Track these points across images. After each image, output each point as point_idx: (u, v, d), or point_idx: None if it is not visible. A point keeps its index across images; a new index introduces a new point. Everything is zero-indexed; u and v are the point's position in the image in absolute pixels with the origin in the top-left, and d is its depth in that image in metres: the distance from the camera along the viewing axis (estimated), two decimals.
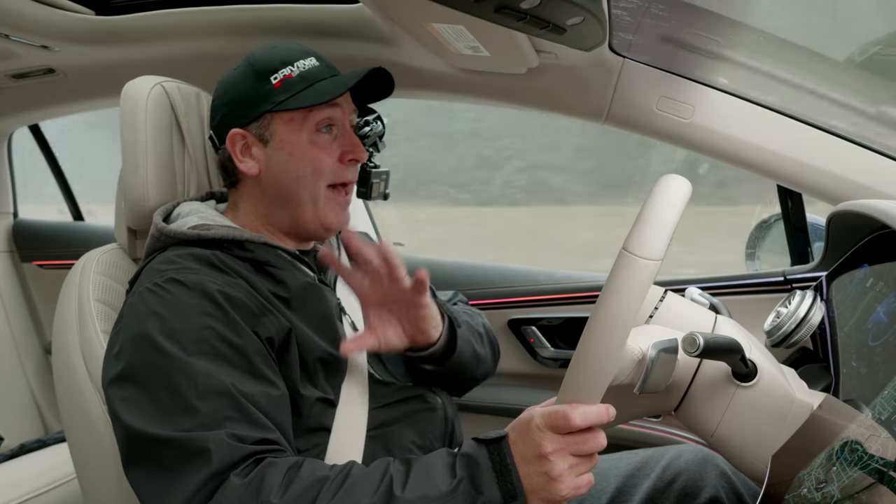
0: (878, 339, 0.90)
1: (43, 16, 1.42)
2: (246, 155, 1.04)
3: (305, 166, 1.02)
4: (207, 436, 0.78)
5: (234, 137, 1.03)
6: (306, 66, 1.03)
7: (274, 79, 1.02)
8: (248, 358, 0.87)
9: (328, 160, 1.03)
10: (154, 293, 0.89)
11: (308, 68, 1.03)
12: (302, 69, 1.03)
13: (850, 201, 1.07)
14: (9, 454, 1.77)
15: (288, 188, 1.03)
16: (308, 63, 1.04)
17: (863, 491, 0.69)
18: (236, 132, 1.03)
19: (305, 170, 1.02)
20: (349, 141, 1.05)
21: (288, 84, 1.01)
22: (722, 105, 1.28)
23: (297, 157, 1.02)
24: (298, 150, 1.02)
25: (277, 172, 1.03)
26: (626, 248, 0.67)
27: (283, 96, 1.01)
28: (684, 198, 0.68)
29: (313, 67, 1.04)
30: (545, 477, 0.74)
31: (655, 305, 0.92)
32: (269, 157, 1.03)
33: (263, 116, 1.02)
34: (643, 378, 0.77)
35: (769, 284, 1.42)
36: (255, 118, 1.02)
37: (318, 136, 1.03)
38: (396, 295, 0.96)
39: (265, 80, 1.02)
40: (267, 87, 1.02)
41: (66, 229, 2.34)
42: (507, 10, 0.86)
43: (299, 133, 1.02)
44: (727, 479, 1.06)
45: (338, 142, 1.05)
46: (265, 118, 1.02)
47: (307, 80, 1.02)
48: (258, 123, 1.03)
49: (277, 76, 1.02)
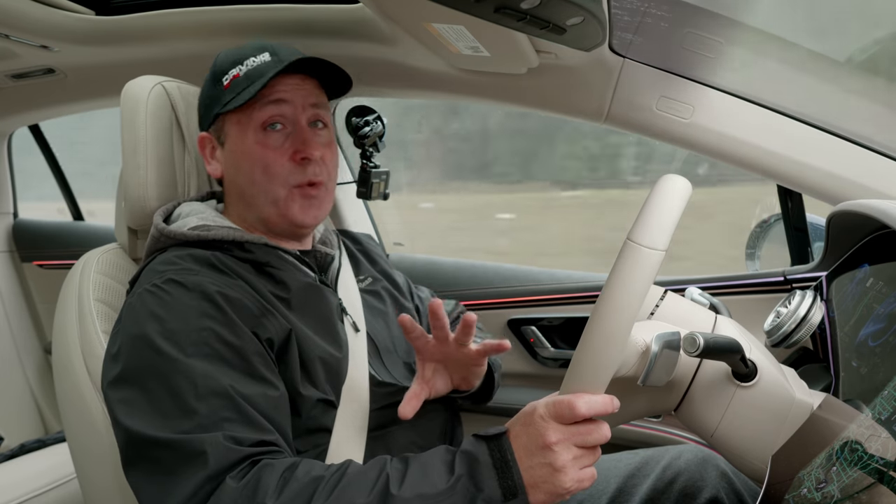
0: (878, 339, 0.90)
1: (43, 16, 1.42)
2: (213, 157, 1.06)
3: (255, 167, 1.00)
4: (204, 438, 0.78)
5: (202, 141, 1.06)
6: (255, 62, 1.01)
7: (225, 80, 1.02)
8: (247, 359, 0.87)
9: (279, 160, 1.00)
10: (153, 294, 0.89)
11: (256, 65, 1.00)
12: (250, 66, 1.00)
13: (850, 201, 1.07)
14: (9, 454, 1.77)
15: (245, 189, 1.03)
16: (259, 59, 1.01)
17: (863, 491, 0.69)
18: (202, 135, 1.06)
19: (255, 170, 1.00)
20: (301, 138, 1.01)
21: (235, 84, 1.01)
22: (722, 105, 1.28)
23: (245, 157, 1.01)
24: (246, 151, 1.00)
25: (233, 175, 1.04)
26: (631, 238, 0.68)
27: (230, 97, 1.00)
28: (685, 195, 0.70)
29: (262, 64, 1.00)
30: (549, 468, 0.74)
31: (656, 304, 0.92)
32: (226, 160, 1.04)
33: (217, 119, 1.03)
34: (647, 369, 0.77)
35: (769, 284, 1.42)
36: (212, 121, 1.04)
37: (266, 135, 1.00)
38: (461, 358, 0.99)
39: (218, 82, 1.03)
40: (218, 89, 1.02)
41: (66, 229, 2.34)
42: (507, 10, 0.86)
43: (245, 133, 1.01)
44: (727, 479, 1.06)
45: (289, 140, 1.01)
46: (219, 121, 1.03)
47: (250, 77, 1.00)
48: (215, 126, 1.04)
49: (227, 77, 1.01)
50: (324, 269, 1.10)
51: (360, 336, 1.06)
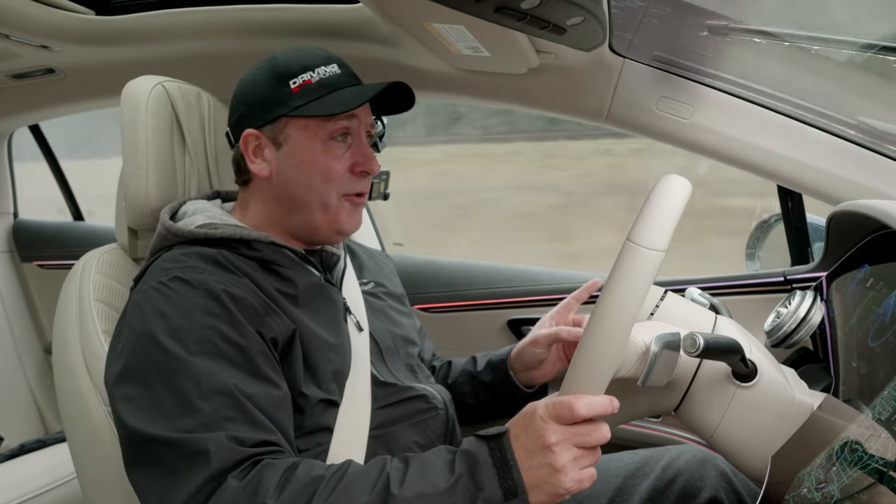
0: (878, 339, 0.90)
1: (43, 16, 1.42)
2: (258, 156, 1.03)
3: (316, 174, 1.01)
4: (207, 437, 0.78)
5: (247, 138, 1.02)
6: (327, 72, 1.02)
7: (293, 83, 1.00)
8: (251, 358, 0.87)
9: (339, 169, 1.02)
10: (159, 291, 0.89)
11: (328, 75, 1.01)
12: (322, 76, 1.01)
13: (850, 201, 1.07)
14: (9, 454, 1.77)
15: (298, 194, 1.02)
16: (329, 70, 1.02)
17: (863, 491, 0.69)
18: (250, 132, 1.02)
19: (316, 178, 1.01)
20: (363, 153, 1.03)
21: (306, 90, 1.00)
22: (722, 105, 1.28)
23: (308, 163, 1.01)
24: (310, 158, 1.01)
25: (288, 177, 1.02)
26: (631, 239, 0.68)
27: (300, 101, 1.00)
28: (685, 196, 0.70)
29: (334, 75, 1.02)
30: (549, 469, 0.74)
31: (656, 304, 0.92)
32: (281, 161, 1.02)
33: (279, 120, 1.01)
34: (647, 370, 0.77)
35: (769, 284, 1.42)
36: (270, 121, 1.01)
37: (332, 144, 1.01)
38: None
39: (284, 84, 1.01)
40: (285, 91, 1.00)
41: (66, 229, 2.34)
42: (507, 10, 0.86)
43: (313, 141, 1.01)
44: (727, 479, 1.06)
45: (351, 151, 1.03)
46: (280, 122, 1.01)
47: (326, 87, 1.01)
48: (273, 126, 1.02)
49: (297, 80, 1.00)
50: (328, 269, 1.10)
51: (364, 335, 1.06)
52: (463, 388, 1.23)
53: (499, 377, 1.19)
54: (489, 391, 1.20)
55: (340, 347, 0.99)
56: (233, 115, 1.07)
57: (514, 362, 1.18)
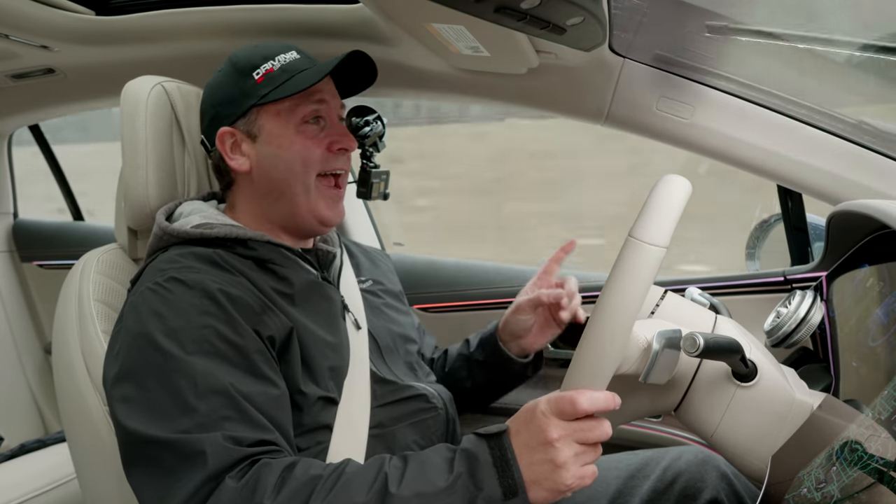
0: (877, 339, 0.90)
1: (43, 16, 1.42)
2: (236, 152, 1.05)
3: (294, 157, 1.03)
4: (204, 438, 0.78)
5: (223, 136, 1.04)
6: (287, 59, 1.05)
7: (256, 74, 1.03)
8: (249, 357, 0.87)
9: (317, 150, 1.04)
10: (155, 292, 0.89)
11: (289, 61, 1.05)
12: (283, 62, 1.04)
13: (850, 201, 1.07)
14: (9, 454, 1.77)
15: (280, 181, 1.04)
16: (289, 56, 1.05)
17: (863, 491, 0.69)
18: (225, 130, 1.04)
19: (295, 161, 1.03)
20: (337, 131, 1.06)
21: (270, 77, 1.03)
22: (722, 105, 1.28)
23: (285, 148, 1.03)
24: (287, 142, 1.03)
25: (268, 167, 1.04)
26: (633, 235, 0.69)
27: (267, 89, 1.02)
28: (686, 193, 0.71)
29: (294, 60, 1.05)
30: (550, 465, 0.74)
31: (656, 304, 0.92)
32: (259, 152, 1.04)
33: (250, 112, 1.03)
34: (648, 366, 0.78)
35: (769, 284, 1.42)
36: (241, 114, 1.04)
37: (306, 127, 1.04)
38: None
39: (248, 76, 1.03)
40: (250, 83, 1.03)
41: (66, 229, 2.34)
42: (507, 10, 0.86)
43: (286, 127, 1.03)
44: (727, 480, 1.06)
45: (325, 132, 1.06)
46: (252, 113, 1.03)
47: (288, 71, 1.03)
48: (245, 120, 1.04)
49: (260, 71, 1.03)
50: (325, 267, 1.10)
51: (362, 333, 1.06)
52: (460, 373, 1.25)
53: (490, 351, 1.22)
54: (483, 369, 1.23)
55: (338, 345, 0.99)
56: (204, 119, 1.09)
57: (502, 333, 1.22)
